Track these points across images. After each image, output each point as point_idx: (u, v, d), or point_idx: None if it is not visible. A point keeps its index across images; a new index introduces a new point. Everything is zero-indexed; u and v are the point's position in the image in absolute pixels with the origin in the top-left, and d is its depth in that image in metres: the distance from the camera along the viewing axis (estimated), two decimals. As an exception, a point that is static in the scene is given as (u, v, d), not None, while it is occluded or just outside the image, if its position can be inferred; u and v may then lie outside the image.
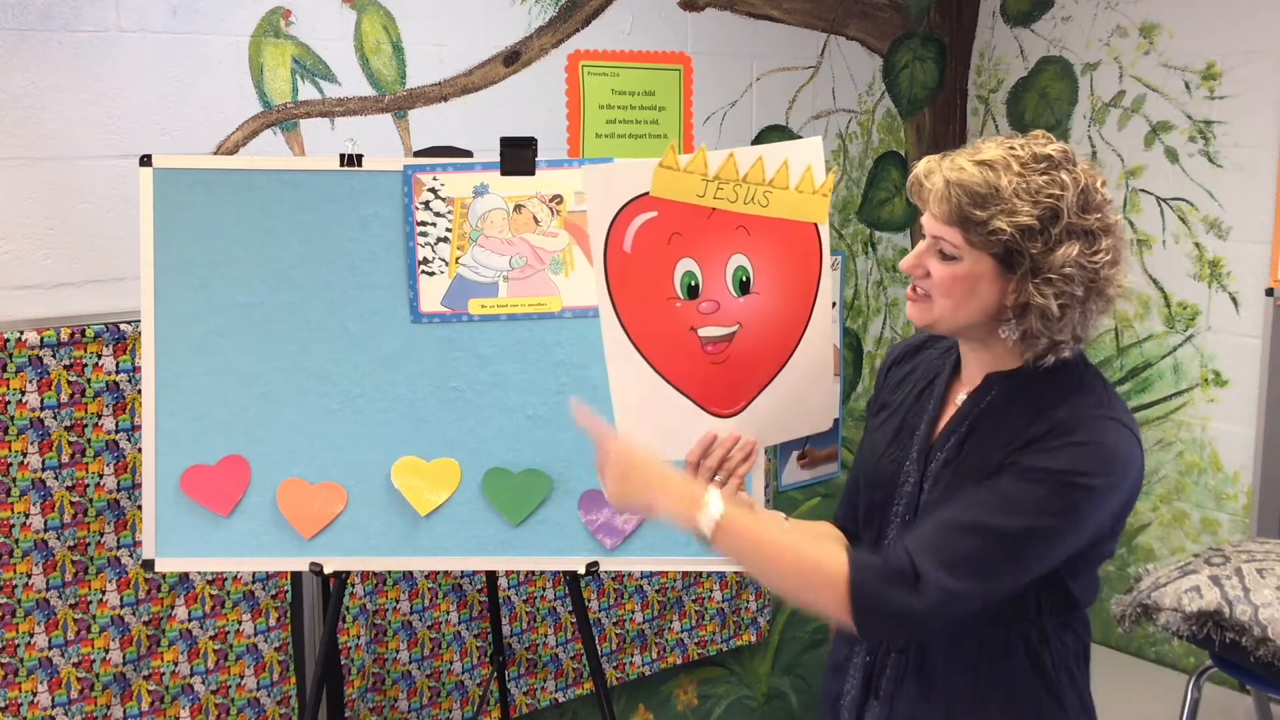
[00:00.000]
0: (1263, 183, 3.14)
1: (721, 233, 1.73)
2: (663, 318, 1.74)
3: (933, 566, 1.50)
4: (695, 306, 1.75)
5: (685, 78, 3.08)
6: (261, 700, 2.58)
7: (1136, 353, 3.44)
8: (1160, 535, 3.42)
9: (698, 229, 1.72)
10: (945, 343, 1.78)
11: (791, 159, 1.72)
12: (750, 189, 1.71)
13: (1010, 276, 1.55)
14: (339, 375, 2.18)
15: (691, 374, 1.76)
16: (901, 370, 1.82)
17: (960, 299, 1.57)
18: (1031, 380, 1.61)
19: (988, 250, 1.54)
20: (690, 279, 1.74)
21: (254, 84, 2.48)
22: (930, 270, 1.59)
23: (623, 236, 1.71)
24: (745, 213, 1.72)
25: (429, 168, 2.19)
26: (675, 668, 3.25)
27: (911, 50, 3.59)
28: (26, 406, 2.26)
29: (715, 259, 1.74)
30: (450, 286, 2.19)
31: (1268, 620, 2.35)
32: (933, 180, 1.56)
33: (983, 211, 1.52)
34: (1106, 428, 1.55)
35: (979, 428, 1.63)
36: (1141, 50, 3.35)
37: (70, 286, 2.33)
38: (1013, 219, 1.51)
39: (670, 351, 1.75)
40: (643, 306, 1.74)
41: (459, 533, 2.21)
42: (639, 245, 1.71)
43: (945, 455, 1.65)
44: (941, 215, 1.55)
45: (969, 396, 1.67)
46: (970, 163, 1.54)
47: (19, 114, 2.25)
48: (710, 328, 1.76)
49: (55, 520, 2.31)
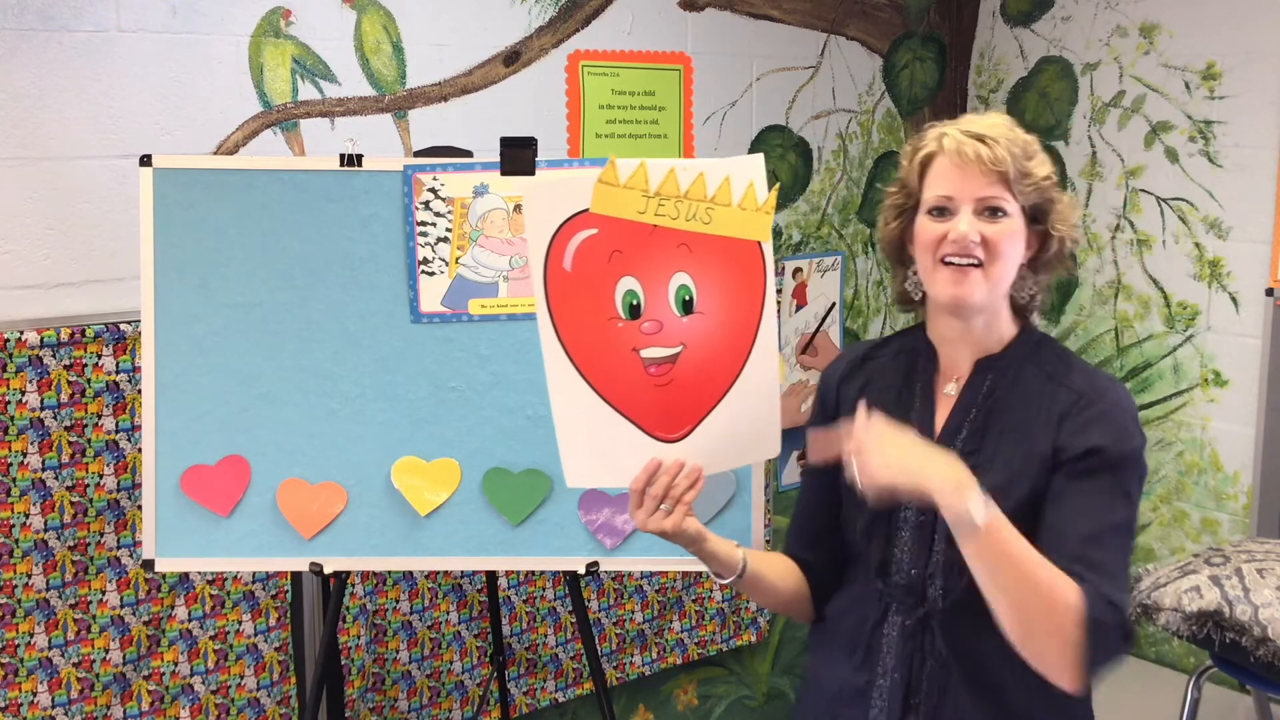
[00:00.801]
0: (1263, 183, 3.14)
1: (663, 250, 1.68)
2: (604, 338, 1.69)
3: (1120, 593, 1.52)
4: (637, 327, 1.69)
5: (685, 78, 3.08)
6: (261, 700, 2.58)
7: (1136, 353, 3.44)
8: (1160, 535, 3.42)
9: (639, 246, 1.67)
10: (890, 348, 1.79)
11: (733, 175, 1.67)
12: (692, 205, 1.66)
13: (1035, 228, 1.65)
14: (339, 375, 2.18)
15: (635, 397, 1.70)
16: (853, 385, 1.79)
17: (1012, 258, 1.63)
18: (1022, 358, 1.67)
19: (1024, 203, 1.62)
20: (632, 298, 1.68)
21: (254, 84, 2.48)
22: (984, 235, 1.60)
23: (563, 254, 1.66)
24: (688, 230, 1.67)
25: (429, 168, 2.19)
26: (675, 668, 3.25)
27: (911, 50, 3.59)
28: (26, 406, 2.26)
29: (657, 277, 1.68)
30: (450, 286, 2.19)
31: (1268, 620, 2.35)
32: (968, 145, 1.60)
33: (1030, 162, 1.62)
34: (1116, 388, 1.64)
35: (996, 414, 1.64)
36: (1141, 50, 3.35)
37: (70, 286, 2.33)
38: (1045, 166, 1.64)
39: (613, 374, 1.69)
40: (584, 327, 1.68)
41: (459, 533, 2.21)
42: (579, 263, 1.67)
43: (962, 447, 1.64)
44: (993, 173, 1.59)
45: (965, 386, 1.67)
46: (1001, 120, 1.64)
47: (19, 114, 2.25)
48: (653, 349, 1.69)
49: (55, 520, 2.31)
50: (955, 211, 1.62)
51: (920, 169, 1.67)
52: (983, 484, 1.56)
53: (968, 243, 1.60)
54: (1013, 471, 1.61)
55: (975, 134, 1.61)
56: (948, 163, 1.62)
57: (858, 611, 1.74)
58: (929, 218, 1.64)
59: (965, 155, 1.60)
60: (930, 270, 1.65)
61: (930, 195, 1.65)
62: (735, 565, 1.71)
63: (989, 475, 1.59)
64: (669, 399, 1.69)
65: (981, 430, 1.65)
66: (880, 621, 1.70)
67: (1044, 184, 1.64)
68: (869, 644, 1.71)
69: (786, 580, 1.81)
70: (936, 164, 1.64)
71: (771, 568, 1.79)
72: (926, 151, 1.66)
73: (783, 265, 3.30)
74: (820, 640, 1.83)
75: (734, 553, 1.72)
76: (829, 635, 1.80)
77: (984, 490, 1.50)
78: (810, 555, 1.82)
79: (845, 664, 1.73)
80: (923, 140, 1.68)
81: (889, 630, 1.69)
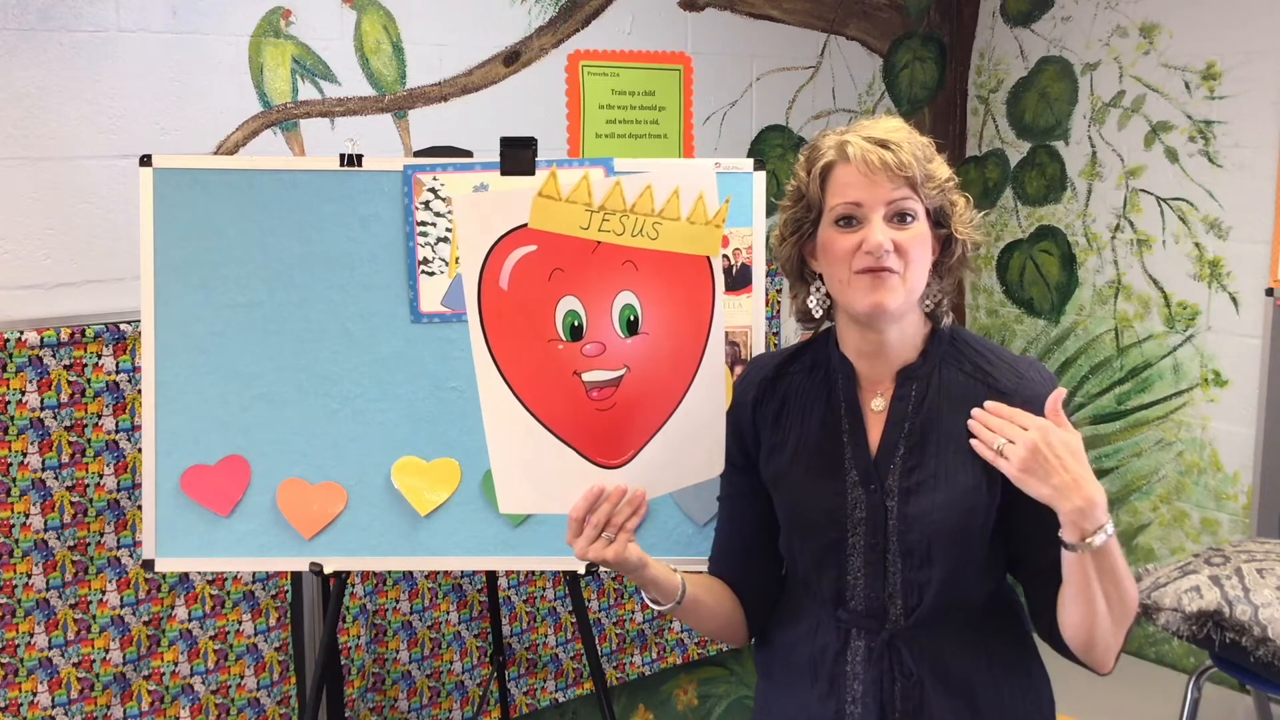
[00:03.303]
0: (1263, 183, 3.14)
1: (607, 268, 1.60)
2: (543, 361, 1.61)
3: None
4: (579, 349, 1.62)
5: (685, 78, 3.08)
6: (261, 700, 2.58)
7: (1136, 353, 3.44)
8: (1160, 535, 3.42)
9: (581, 264, 1.59)
10: (800, 364, 1.73)
11: (682, 187, 1.60)
12: (639, 220, 1.58)
13: (939, 232, 1.62)
14: (339, 375, 2.18)
15: (575, 422, 1.63)
16: (770, 406, 1.72)
17: (925, 263, 1.60)
18: (941, 360, 1.65)
19: (929, 205, 1.59)
20: (573, 319, 1.61)
21: (254, 84, 2.48)
22: (896, 241, 1.56)
23: (498, 272, 1.59)
24: (633, 246, 1.59)
25: (429, 168, 2.19)
26: (675, 668, 3.25)
27: (911, 50, 3.59)
28: (26, 406, 2.26)
29: (601, 297, 1.61)
30: (450, 286, 2.19)
31: (1268, 620, 2.35)
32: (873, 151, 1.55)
33: (931, 164, 1.59)
34: (1038, 372, 1.63)
35: (931, 425, 1.61)
36: (1141, 50, 3.35)
37: (70, 286, 2.33)
38: (945, 168, 1.62)
39: (552, 398, 1.62)
40: (521, 349, 1.61)
41: (459, 533, 2.20)
42: (516, 282, 1.60)
43: (904, 464, 1.62)
44: (899, 178, 1.56)
45: (893, 400, 1.64)
46: (900, 125, 1.61)
47: (19, 114, 2.25)
48: (595, 372, 1.63)
49: (55, 520, 2.31)
50: (864, 220, 1.56)
51: (820, 179, 1.60)
52: (935, 499, 1.58)
53: (883, 251, 1.54)
54: (966, 485, 1.59)
55: (878, 140, 1.56)
56: (853, 170, 1.56)
57: (814, 641, 1.69)
58: (837, 229, 1.58)
59: (871, 163, 1.54)
60: (844, 282, 1.58)
61: (836, 204, 1.58)
62: (674, 591, 1.66)
63: (941, 491, 1.58)
64: (611, 423, 1.62)
65: (920, 445, 1.61)
66: (842, 649, 1.66)
67: (946, 185, 1.61)
68: (832, 673, 1.66)
69: (723, 602, 1.75)
70: (839, 173, 1.58)
71: (709, 590, 1.74)
72: (826, 161, 1.59)
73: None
74: (770, 670, 1.78)
75: (673, 578, 1.66)
76: (781, 665, 1.75)
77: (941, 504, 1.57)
78: (741, 575, 1.77)
79: (809, 693, 1.69)
80: (819, 150, 1.61)
81: (852, 656, 1.65)
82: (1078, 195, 3.55)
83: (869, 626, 1.64)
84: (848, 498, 1.64)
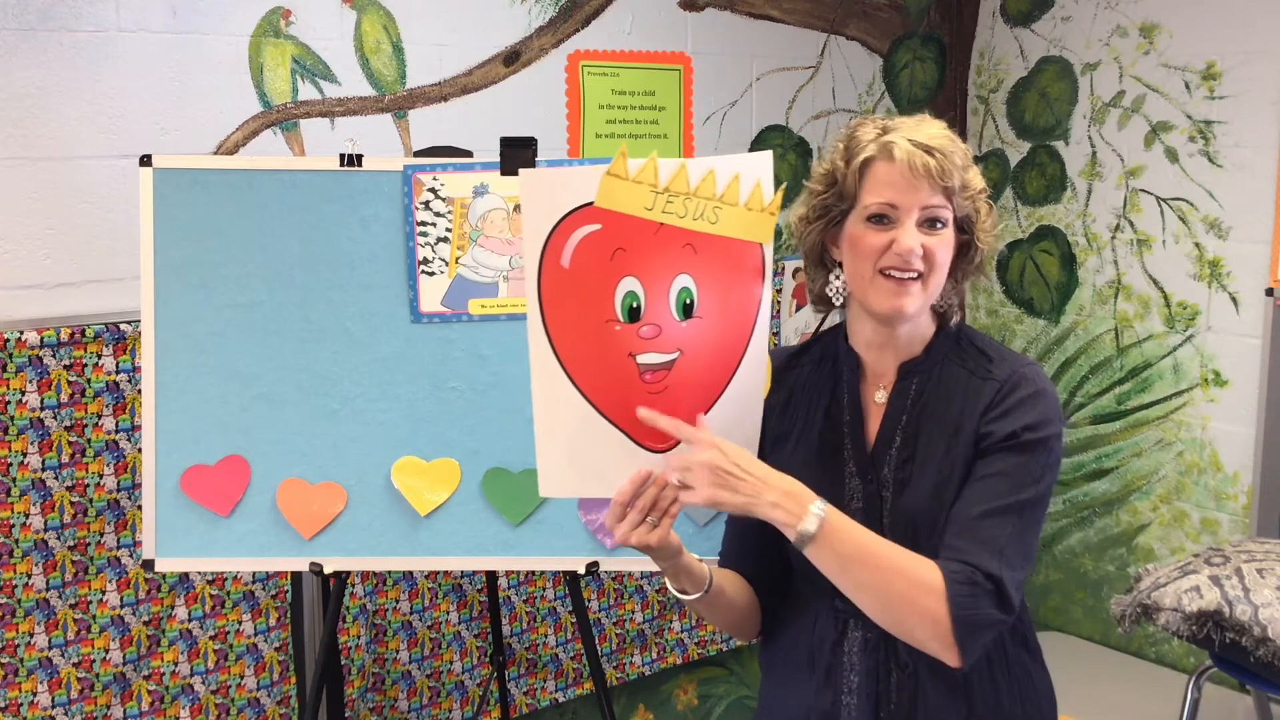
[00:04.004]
0: (1263, 183, 3.14)
1: (668, 250, 1.58)
2: (599, 341, 1.59)
3: (999, 565, 1.51)
4: (635, 330, 1.59)
5: (685, 78, 3.08)
6: (261, 700, 2.58)
7: (1136, 353, 3.44)
8: (1160, 535, 3.42)
9: (643, 245, 1.57)
10: (810, 356, 1.75)
11: (742, 173, 1.59)
12: (700, 204, 1.57)
13: (960, 237, 1.63)
14: (339, 375, 2.18)
15: (626, 404, 1.60)
16: (778, 397, 1.72)
17: (947, 269, 1.62)
18: (944, 357, 1.66)
19: (958, 214, 1.61)
20: (632, 299, 1.59)
21: (254, 84, 2.48)
22: (925, 246, 1.57)
23: (561, 250, 1.57)
24: (694, 229, 1.59)
25: (429, 168, 2.19)
26: (675, 668, 3.25)
27: (911, 50, 3.59)
28: (26, 406, 2.26)
29: (660, 279, 1.59)
30: (450, 286, 2.19)
31: (1268, 620, 2.35)
32: (918, 157, 1.55)
33: (968, 174, 1.60)
34: (1036, 373, 1.63)
35: (926, 418, 1.63)
36: (1141, 50, 3.35)
37: (70, 286, 2.33)
38: (980, 179, 1.64)
39: (604, 379, 1.60)
40: (578, 328, 1.59)
41: (459, 533, 2.21)
42: (579, 260, 1.57)
43: (898, 456, 1.63)
44: (938, 186, 1.56)
45: (893, 393, 1.66)
46: (944, 130, 1.61)
47: (19, 114, 2.25)
48: (650, 354, 1.60)
49: (55, 520, 2.31)
50: (897, 221, 1.57)
51: (859, 172, 1.60)
52: (918, 488, 1.60)
53: (912, 256, 1.55)
54: (943, 476, 1.59)
55: (923, 145, 1.57)
56: (895, 171, 1.56)
57: (813, 632, 1.69)
58: (868, 225, 1.59)
59: (915, 167, 1.55)
60: (867, 279, 1.60)
61: (872, 202, 1.58)
62: (703, 581, 1.66)
63: (924, 479, 1.60)
64: (661, 407, 1.61)
65: (914, 437, 1.63)
66: (839, 639, 1.67)
67: (978, 196, 1.63)
68: (829, 664, 1.67)
69: (742, 595, 1.76)
70: (879, 170, 1.58)
71: (731, 582, 1.75)
72: (868, 155, 1.59)
73: (782, 265, 3.29)
74: (774, 665, 1.79)
75: (703, 568, 1.66)
76: (783, 661, 1.75)
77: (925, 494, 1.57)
78: (754, 567, 1.77)
79: (806, 685, 1.69)
80: (859, 143, 1.61)
81: (849, 647, 1.66)
82: (1078, 195, 3.55)
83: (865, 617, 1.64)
84: (845, 488, 1.65)
